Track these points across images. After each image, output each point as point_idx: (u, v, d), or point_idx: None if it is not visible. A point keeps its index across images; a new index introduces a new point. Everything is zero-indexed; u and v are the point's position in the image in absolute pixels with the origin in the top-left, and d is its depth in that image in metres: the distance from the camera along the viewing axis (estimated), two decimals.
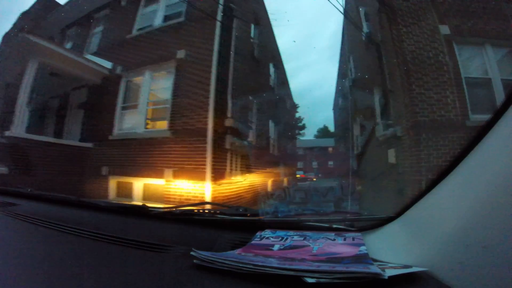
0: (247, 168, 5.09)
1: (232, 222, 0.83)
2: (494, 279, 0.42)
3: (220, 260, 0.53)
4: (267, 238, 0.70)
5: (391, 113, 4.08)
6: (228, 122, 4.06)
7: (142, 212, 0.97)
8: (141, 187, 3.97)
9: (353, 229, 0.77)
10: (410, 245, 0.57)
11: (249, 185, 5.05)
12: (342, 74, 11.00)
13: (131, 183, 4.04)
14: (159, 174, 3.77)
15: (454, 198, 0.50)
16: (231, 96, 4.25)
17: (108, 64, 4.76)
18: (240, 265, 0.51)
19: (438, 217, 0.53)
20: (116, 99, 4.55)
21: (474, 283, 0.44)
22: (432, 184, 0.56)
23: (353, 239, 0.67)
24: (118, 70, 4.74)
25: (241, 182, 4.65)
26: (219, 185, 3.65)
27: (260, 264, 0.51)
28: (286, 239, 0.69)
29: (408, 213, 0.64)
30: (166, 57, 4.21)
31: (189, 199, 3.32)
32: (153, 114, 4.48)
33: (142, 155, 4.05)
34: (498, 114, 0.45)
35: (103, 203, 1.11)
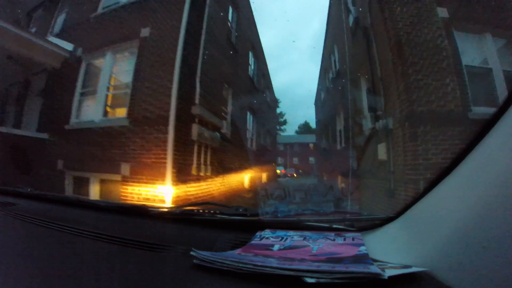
0: (219, 164, 4.64)
1: (232, 222, 0.83)
2: (494, 279, 0.42)
3: (220, 260, 0.53)
4: (267, 238, 0.70)
5: (381, 103, 3.68)
6: (196, 110, 3.60)
7: (142, 212, 0.97)
8: (98, 183, 3.55)
9: (353, 229, 0.77)
10: (410, 245, 0.57)
11: (222, 183, 4.65)
12: (324, 67, 10.77)
13: (87, 178, 3.59)
14: (115, 169, 3.30)
15: (454, 198, 0.50)
16: (200, 81, 3.76)
17: (69, 46, 4.22)
18: (240, 265, 0.51)
19: (438, 217, 0.53)
20: (75, 85, 4.07)
21: (474, 283, 0.44)
22: (432, 184, 0.56)
23: (353, 239, 0.67)
24: (79, 52, 4.22)
25: (213, 179, 4.15)
26: (183, 182, 3.20)
27: (260, 264, 0.51)
28: (286, 239, 0.69)
29: (408, 213, 0.64)
30: (130, 36, 3.77)
31: (148, 199, 2.99)
32: (114, 100, 3.97)
33: (98, 146, 3.58)
34: (499, 112, 0.45)
35: (103, 203, 1.11)
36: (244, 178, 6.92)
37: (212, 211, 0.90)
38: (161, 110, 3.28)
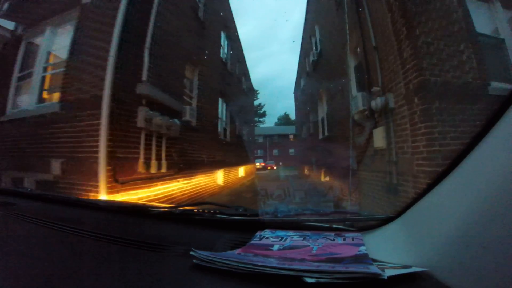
0: (182, 158, 3.81)
1: (232, 222, 0.83)
2: (494, 279, 0.42)
3: (220, 260, 0.53)
4: (267, 238, 0.70)
5: (377, 78, 3.04)
6: (142, 89, 2.83)
7: (142, 212, 0.97)
8: (34, 185, 2.89)
9: (352, 229, 0.77)
10: (410, 245, 0.57)
11: (187, 181, 3.97)
12: (305, 51, 10.25)
13: (22, 179, 2.98)
14: (46, 167, 2.71)
15: (454, 198, 0.50)
16: (150, 54, 3.02)
17: (10, 25, 3.70)
18: (240, 265, 0.51)
19: (438, 217, 0.53)
20: (13, 68, 3.49)
21: (474, 283, 0.44)
22: (432, 184, 0.56)
23: (353, 239, 0.67)
24: (19, 30, 3.69)
25: (172, 177, 3.43)
26: (124, 183, 2.52)
27: (260, 264, 0.51)
28: (286, 239, 0.69)
29: (408, 213, 0.64)
30: (70, 5, 3.21)
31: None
32: (52, 83, 3.29)
33: (31, 140, 3.00)
34: (498, 114, 0.45)
35: (103, 202, 1.12)
36: (217, 174, 6.11)
37: (212, 211, 0.90)
38: (95, 89, 2.58)
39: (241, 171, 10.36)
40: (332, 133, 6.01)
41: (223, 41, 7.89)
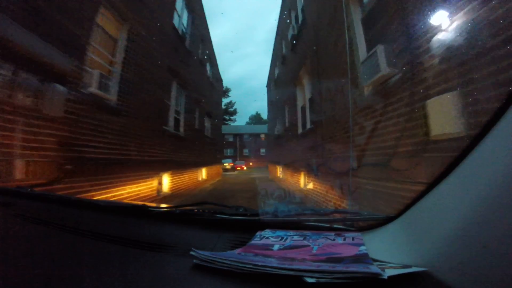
0: (71, 153, 2.53)
1: (232, 222, 0.83)
2: (494, 279, 0.42)
3: (220, 260, 0.53)
4: (267, 238, 0.70)
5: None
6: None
7: (142, 212, 0.97)
8: None
9: (353, 229, 0.77)
10: (410, 245, 0.57)
11: (87, 193, 2.67)
12: (281, 33, 9.16)
13: None
14: None
15: (454, 198, 0.50)
16: None
17: None
18: (240, 265, 0.51)
19: (438, 217, 0.53)
20: None
21: (474, 283, 0.44)
22: (432, 184, 0.56)
23: (353, 239, 0.67)
24: None
25: (45, 187, 2.21)
26: None
27: (260, 264, 0.51)
28: (286, 239, 0.69)
29: (408, 213, 0.64)
30: None
31: None
32: None
33: None
34: (498, 114, 0.45)
35: (103, 202, 1.12)
36: (160, 178, 4.47)
37: (212, 211, 0.90)
38: None
39: (203, 173, 8.91)
40: (320, 124, 4.49)
41: (181, 9, 6.48)
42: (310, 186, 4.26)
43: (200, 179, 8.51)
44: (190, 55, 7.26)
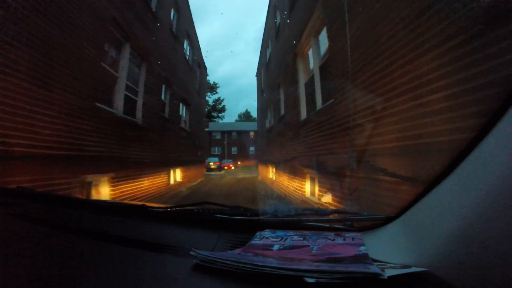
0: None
1: (232, 222, 0.83)
2: (494, 279, 0.42)
3: (220, 260, 0.53)
4: (267, 238, 0.70)
5: None
6: None
7: (142, 212, 0.97)
8: None
9: (352, 229, 0.77)
10: (410, 245, 0.57)
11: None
12: (273, 8, 8.53)
13: None
14: None
15: (454, 198, 0.50)
16: None
17: None
18: (240, 265, 0.51)
19: (438, 217, 0.53)
20: None
21: (474, 283, 0.44)
22: (432, 184, 0.56)
23: (353, 239, 0.67)
24: None
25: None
26: None
27: (260, 264, 0.51)
28: (286, 239, 0.69)
29: (408, 213, 0.64)
30: None
31: None
32: None
33: None
34: (498, 114, 0.45)
35: (103, 202, 1.12)
36: (100, 182, 3.38)
37: (212, 211, 0.90)
38: None
39: (177, 175, 7.34)
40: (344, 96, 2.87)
41: None
42: (327, 198, 2.60)
43: (172, 182, 6.86)
44: (155, 17, 5.58)
